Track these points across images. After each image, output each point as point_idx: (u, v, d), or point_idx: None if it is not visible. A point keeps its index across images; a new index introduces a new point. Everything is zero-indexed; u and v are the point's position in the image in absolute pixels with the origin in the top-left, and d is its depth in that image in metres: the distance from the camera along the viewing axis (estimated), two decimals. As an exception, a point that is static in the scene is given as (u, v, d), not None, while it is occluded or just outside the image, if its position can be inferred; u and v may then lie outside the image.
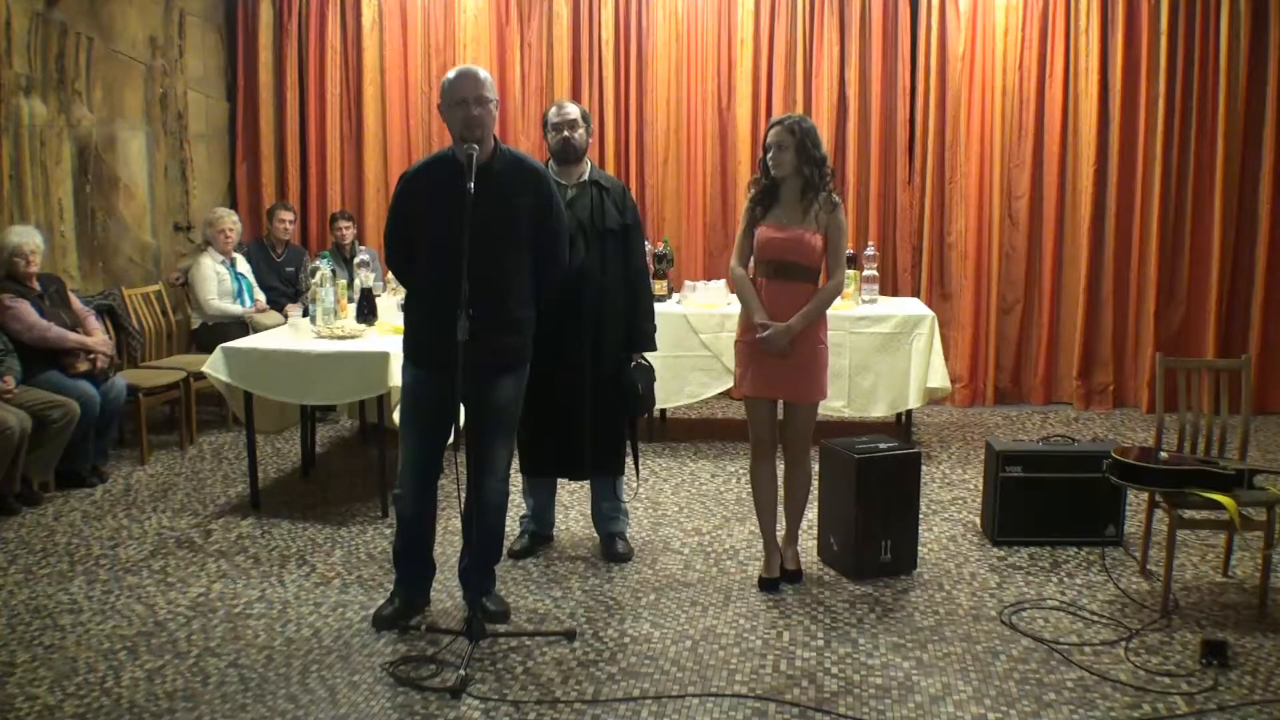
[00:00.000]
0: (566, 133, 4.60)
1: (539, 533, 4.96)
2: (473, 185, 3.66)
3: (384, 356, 5.14)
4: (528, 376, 4.11)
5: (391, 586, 4.26)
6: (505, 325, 3.93)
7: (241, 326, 7.00)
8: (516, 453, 4.67)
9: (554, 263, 4.08)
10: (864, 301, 6.62)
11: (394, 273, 4.22)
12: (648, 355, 4.72)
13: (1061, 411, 7.78)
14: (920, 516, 4.82)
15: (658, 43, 8.01)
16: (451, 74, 3.88)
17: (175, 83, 7.78)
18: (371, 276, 6.10)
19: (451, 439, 3.94)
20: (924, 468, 5.50)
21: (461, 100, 3.78)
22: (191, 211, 7.97)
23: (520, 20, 8.15)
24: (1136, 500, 5.15)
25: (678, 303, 6.72)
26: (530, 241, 3.96)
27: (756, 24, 7.92)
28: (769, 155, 4.32)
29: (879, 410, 6.51)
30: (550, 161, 4.63)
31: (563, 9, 8.05)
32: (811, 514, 4.94)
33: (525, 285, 3.99)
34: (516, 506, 5.11)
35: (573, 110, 4.64)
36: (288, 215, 7.86)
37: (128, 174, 7.32)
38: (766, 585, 4.47)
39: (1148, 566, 4.64)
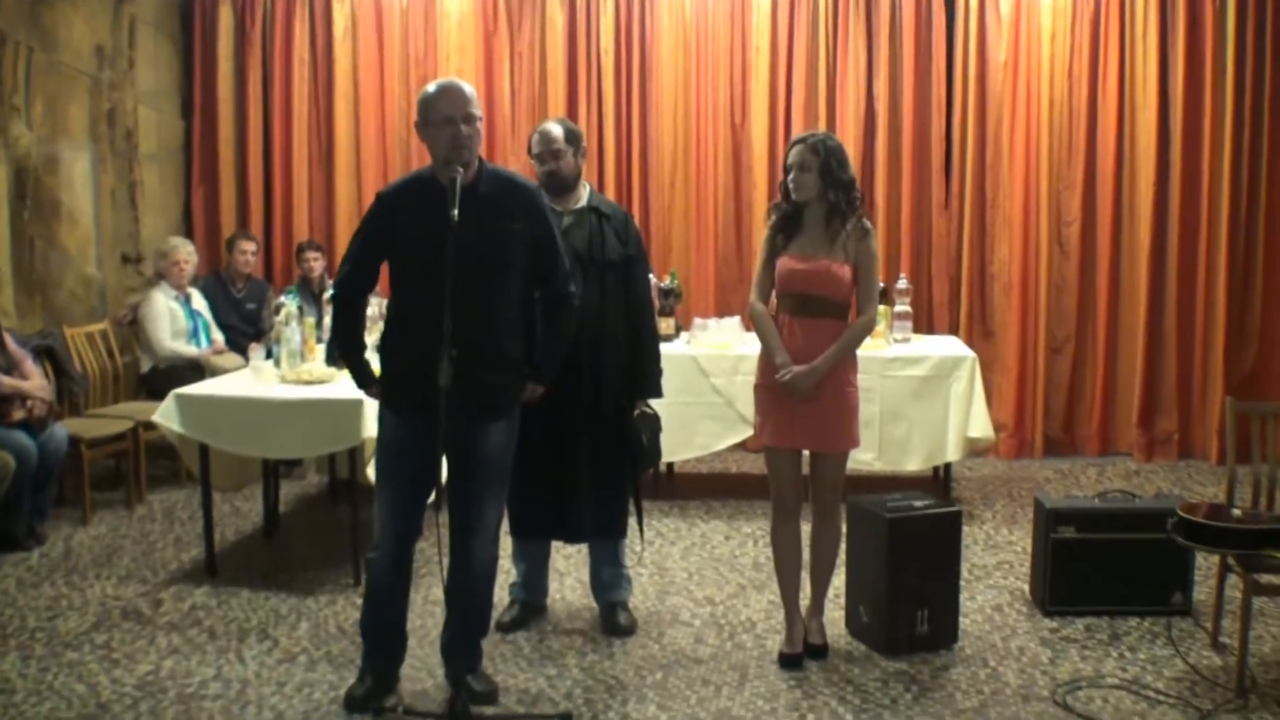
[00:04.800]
0: (551, 164, 4.62)
1: (530, 602, 4.96)
2: (457, 213, 3.68)
3: (356, 404, 5.15)
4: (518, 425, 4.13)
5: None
6: (495, 363, 3.94)
7: (197, 370, 7.02)
8: (505, 512, 4.68)
9: (564, 293, 4.10)
10: (896, 341, 6.65)
11: (338, 295, 4.15)
12: (653, 402, 4.74)
13: (1120, 464, 7.77)
14: (961, 583, 4.82)
15: (663, 51, 8.09)
16: (432, 88, 3.91)
17: (124, 97, 7.85)
18: (343, 313, 6.11)
19: (433, 497, 3.94)
20: (965, 528, 5.48)
21: (448, 119, 3.80)
22: (142, 241, 8.02)
23: (510, 27, 8.23)
24: (1206, 564, 5.14)
25: (686, 343, 6.74)
26: (523, 269, 3.98)
27: (774, 30, 7.99)
28: (790, 177, 4.36)
29: (913, 463, 6.52)
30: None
31: (557, 14, 8.14)
32: (839, 581, 4.93)
33: (517, 318, 4.02)
34: (505, 573, 5.10)
35: (557, 133, 4.63)
36: (249, 246, 7.90)
37: (70, 199, 7.37)
38: (788, 661, 4.46)
39: (1220, 638, 4.63)
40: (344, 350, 4.16)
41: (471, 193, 3.82)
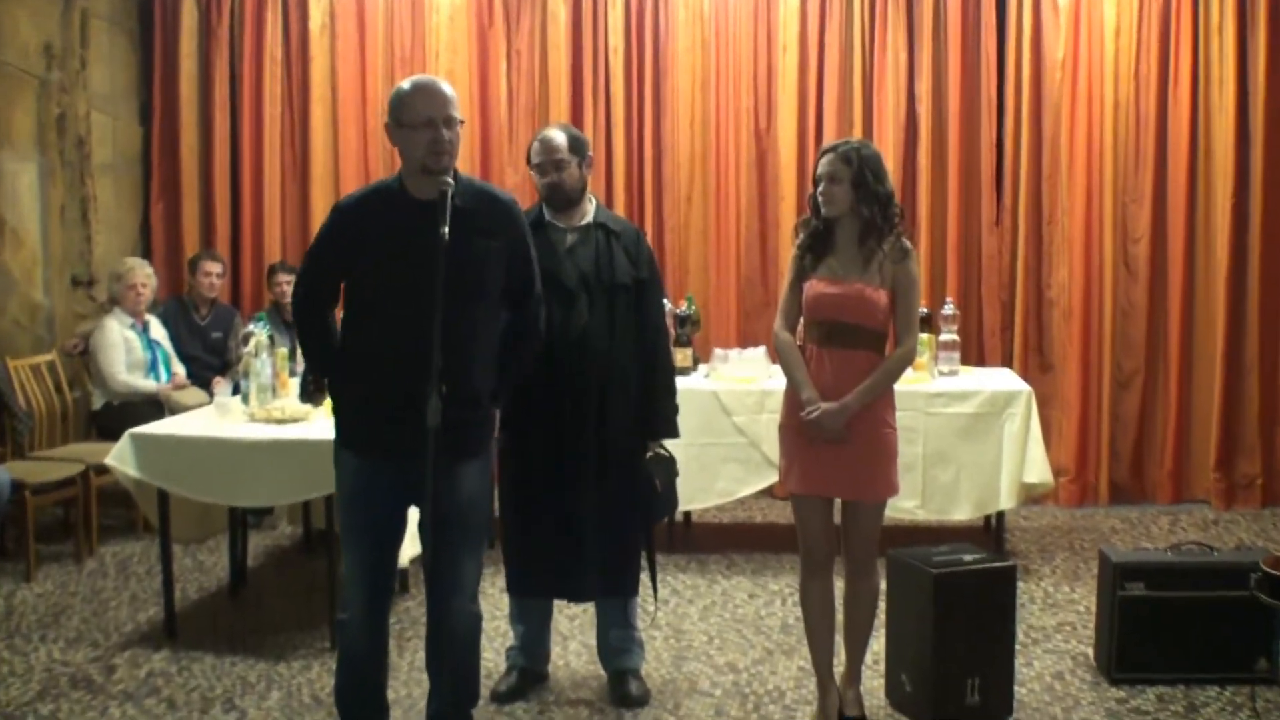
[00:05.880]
0: (553, 176, 4.64)
1: (530, 669, 4.95)
2: (447, 230, 3.67)
3: (333, 446, 5.16)
4: (493, 466, 4.13)
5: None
6: (470, 398, 3.92)
7: (155, 407, 7.04)
8: (503, 569, 4.70)
9: (536, 317, 4.13)
10: (941, 374, 6.66)
11: (297, 318, 4.18)
12: (668, 443, 4.76)
13: (1196, 512, 7.75)
14: (1016, 648, 4.82)
15: (679, 49, 8.13)
16: (407, 85, 3.90)
17: (75, 101, 7.91)
18: (319, 343, 6.14)
19: (419, 550, 3.93)
20: (1020, 585, 5.48)
21: (428, 121, 3.79)
22: (94, 262, 8.06)
23: (507, 22, 8.29)
24: (1294, 626, 5.13)
25: (705, 376, 6.76)
26: (500, 292, 3.99)
27: (803, 25, 8.04)
28: (819, 190, 4.38)
29: (962, 512, 6.51)
30: (543, 205, 4.69)
31: (560, 8, 8.19)
32: (877, 645, 4.93)
33: (492, 348, 4.02)
34: (503, 635, 5.12)
35: (559, 141, 4.66)
36: (215, 267, 7.93)
37: (14, 215, 7.42)
38: (821, 736, 4.46)
39: (1310, 712, 4.63)
40: (320, 370, 4.20)
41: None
